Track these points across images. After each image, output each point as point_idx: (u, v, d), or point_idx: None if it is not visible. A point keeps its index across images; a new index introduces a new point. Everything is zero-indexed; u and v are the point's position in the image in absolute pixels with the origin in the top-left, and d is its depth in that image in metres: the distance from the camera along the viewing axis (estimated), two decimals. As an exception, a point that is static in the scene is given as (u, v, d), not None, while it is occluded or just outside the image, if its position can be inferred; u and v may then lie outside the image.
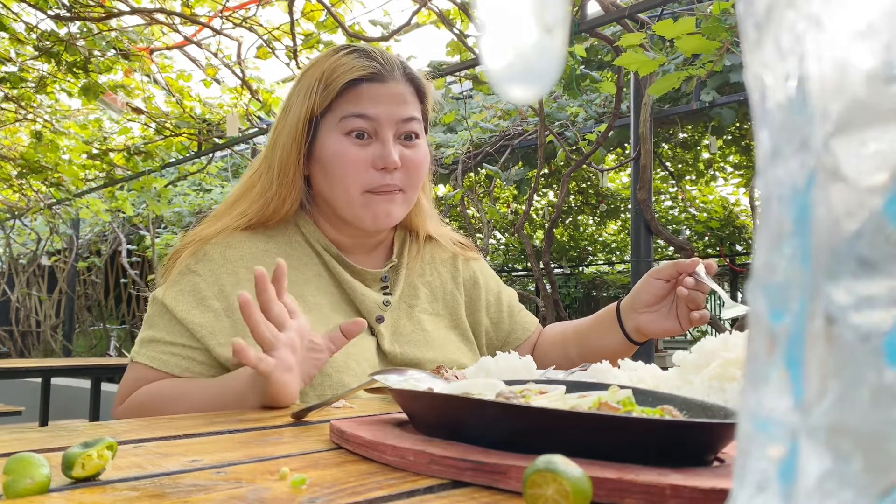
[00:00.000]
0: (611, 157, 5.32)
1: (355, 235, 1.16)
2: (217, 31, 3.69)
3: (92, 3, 3.46)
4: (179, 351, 1.01)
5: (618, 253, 9.68)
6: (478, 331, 1.26)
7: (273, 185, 1.10)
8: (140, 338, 1.05)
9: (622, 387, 0.60)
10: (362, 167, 1.07)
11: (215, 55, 4.10)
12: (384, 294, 1.17)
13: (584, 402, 0.56)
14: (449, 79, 3.67)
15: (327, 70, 1.08)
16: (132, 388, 1.02)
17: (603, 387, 0.64)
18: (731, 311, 1.06)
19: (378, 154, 1.07)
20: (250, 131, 4.66)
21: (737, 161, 6.05)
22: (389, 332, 1.13)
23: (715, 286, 1.09)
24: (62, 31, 3.64)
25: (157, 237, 6.68)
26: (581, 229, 8.57)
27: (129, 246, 7.18)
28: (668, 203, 7.87)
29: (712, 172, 6.60)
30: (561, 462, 0.39)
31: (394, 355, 1.11)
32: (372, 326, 1.13)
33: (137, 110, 4.71)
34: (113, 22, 3.64)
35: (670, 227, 8.12)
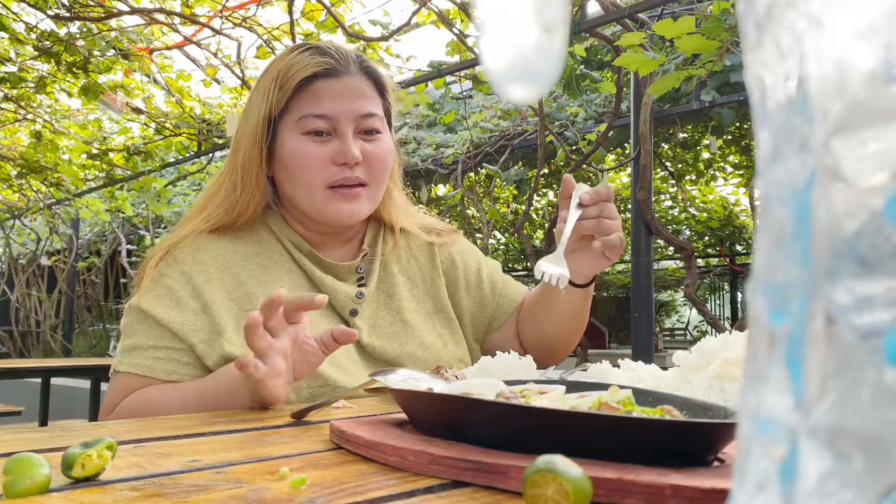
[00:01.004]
0: (611, 157, 5.31)
1: (324, 232, 1.16)
2: (217, 31, 3.69)
3: (92, 3, 3.46)
4: (163, 354, 1.01)
5: (618, 253, 9.67)
6: (459, 312, 1.25)
7: (237, 188, 1.11)
8: (121, 348, 1.04)
9: (622, 387, 0.60)
10: (322, 164, 1.08)
11: (215, 55, 4.10)
12: (359, 286, 1.16)
13: (584, 402, 0.56)
14: (449, 79, 3.67)
15: (282, 70, 1.09)
16: (119, 399, 1.01)
17: (603, 387, 0.64)
18: (545, 266, 0.99)
19: (338, 150, 1.08)
20: (250, 131, 4.65)
21: (737, 161, 6.05)
22: (367, 325, 1.13)
23: (569, 223, 1.02)
24: (62, 31, 3.64)
25: (156, 237, 6.68)
26: (581, 229, 8.56)
27: (128, 246, 7.18)
28: (668, 203, 7.87)
29: (712, 172, 6.59)
30: (561, 462, 0.39)
31: (372, 349, 1.11)
32: (347, 320, 1.13)
33: (137, 110, 4.71)
34: (112, 22, 3.64)
35: (670, 227, 8.12)
